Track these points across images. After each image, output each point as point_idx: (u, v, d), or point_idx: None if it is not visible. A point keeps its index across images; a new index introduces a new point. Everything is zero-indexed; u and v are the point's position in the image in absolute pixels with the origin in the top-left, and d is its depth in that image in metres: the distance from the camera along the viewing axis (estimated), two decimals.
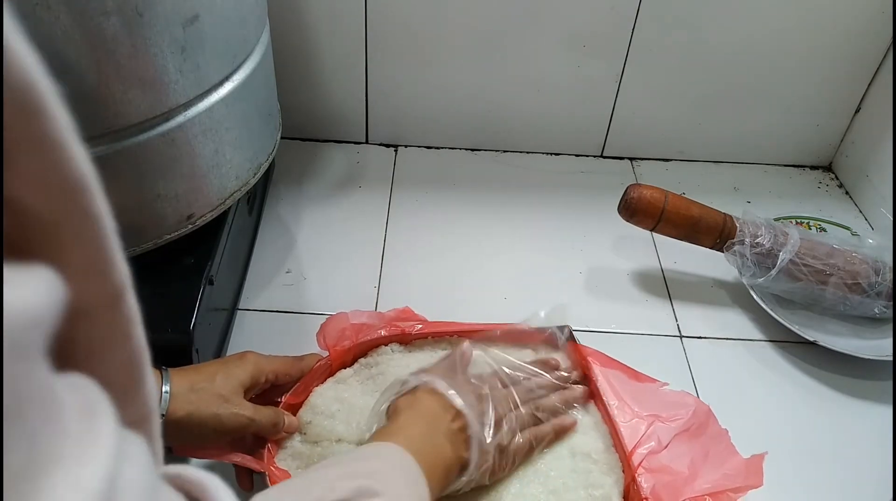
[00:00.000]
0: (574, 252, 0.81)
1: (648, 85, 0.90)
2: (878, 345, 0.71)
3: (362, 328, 0.63)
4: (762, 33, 0.85)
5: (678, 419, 0.58)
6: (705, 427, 0.58)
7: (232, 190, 0.61)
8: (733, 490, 0.53)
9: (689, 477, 0.54)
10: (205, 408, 0.49)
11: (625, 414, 0.58)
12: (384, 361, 0.62)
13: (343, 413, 0.57)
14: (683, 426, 0.58)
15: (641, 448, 0.56)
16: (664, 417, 0.58)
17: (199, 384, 0.49)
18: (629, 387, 0.60)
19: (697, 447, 0.56)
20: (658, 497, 0.53)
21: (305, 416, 0.57)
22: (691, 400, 0.60)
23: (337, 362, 0.61)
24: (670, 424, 0.58)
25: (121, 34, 0.46)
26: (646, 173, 0.95)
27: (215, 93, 0.56)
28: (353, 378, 0.61)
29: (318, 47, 0.86)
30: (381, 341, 0.63)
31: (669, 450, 0.56)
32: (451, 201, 0.87)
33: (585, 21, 0.84)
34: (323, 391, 0.59)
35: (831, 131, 0.95)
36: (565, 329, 0.64)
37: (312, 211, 0.84)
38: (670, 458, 0.56)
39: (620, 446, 0.57)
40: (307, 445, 0.56)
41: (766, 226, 0.73)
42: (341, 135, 0.95)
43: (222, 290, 0.66)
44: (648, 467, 0.55)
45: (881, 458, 0.63)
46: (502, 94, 0.90)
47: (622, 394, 0.60)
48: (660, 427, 0.57)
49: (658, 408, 0.59)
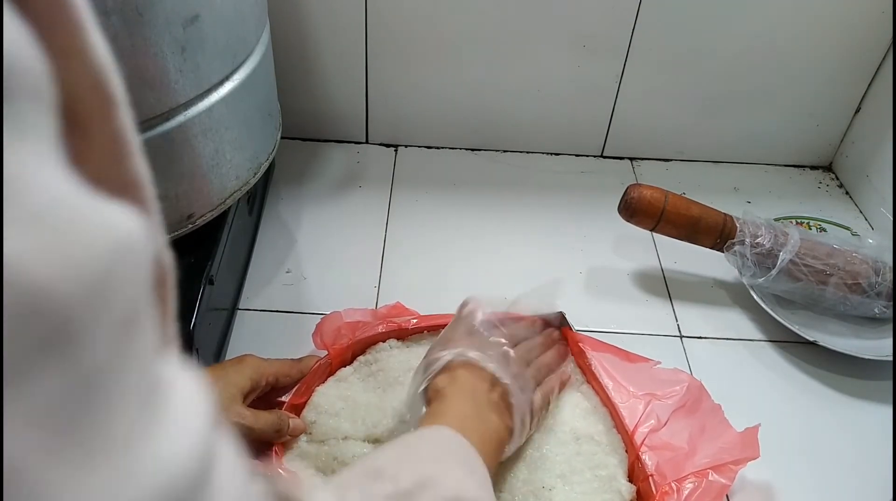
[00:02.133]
0: (574, 252, 0.81)
1: (648, 85, 0.90)
2: (878, 345, 0.71)
3: (357, 326, 0.63)
4: (762, 33, 0.85)
5: (674, 396, 0.59)
6: (700, 403, 0.59)
7: (232, 190, 0.61)
8: (733, 463, 0.53)
9: (689, 452, 0.55)
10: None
11: (621, 395, 0.59)
12: (383, 357, 0.62)
13: (347, 411, 0.57)
14: (679, 402, 0.59)
15: (642, 426, 0.57)
16: (660, 395, 0.59)
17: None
18: (622, 368, 0.61)
19: (694, 422, 0.57)
20: (662, 473, 0.54)
21: (310, 416, 0.57)
22: (684, 377, 0.61)
23: (337, 360, 0.61)
24: (667, 401, 0.59)
25: (121, 34, 0.46)
26: (646, 173, 0.95)
27: (215, 93, 0.56)
28: (354, 376, 0.61)
29: (318, 47, 0.86)
30: (379, 337, 0.63)
31: (668, 427, 0.57)
32: (451, 200, 0.87)
33: (585, 21, 0.84)
34: (325, 390, 0.60)
35: (831, 131, 0.95)
36: (557, 315, 0.64)
37: (312, 211, 0.84)
38: (670, 434, 0.56)
39: (622, 426, 0.57)
40: (314, 444, 0.56)
41: (766, 226, 0.73)
42: (341, 135, 0.95)
43: (222, 290, 0.66)
44: (650, 445, 0.56)
45: (881, 458, 0.63)
46: (502, 94, 0.90)
47: (616, 376, 0.60)
48: (657, 405, 0.58)
49: (653, 387, 0.60)
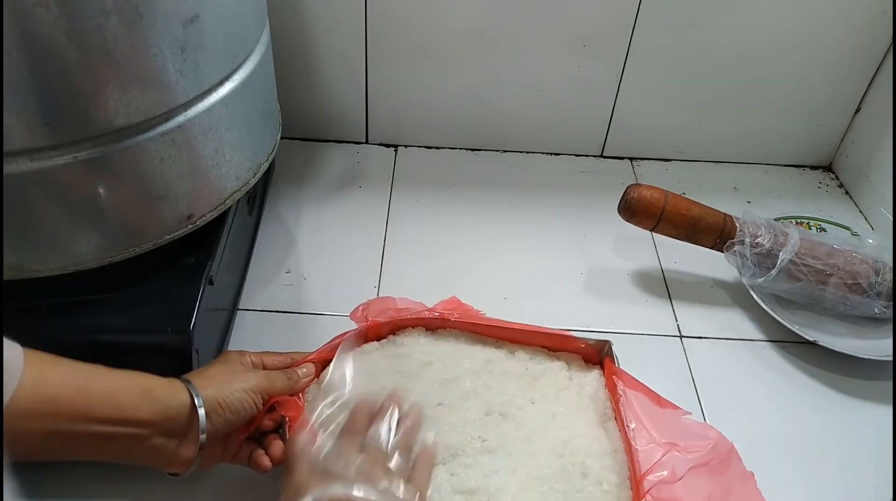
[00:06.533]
0: (574, 252, 0.81)
1: (648, 85, 0.90)
2: (878, 345, 0.71)
3: (402, 312, 0.63)
4: (762, 33, 0.85)
5: (696, 451, 0.54)
6: (727, 465, 0.54)
7: (232, 190, 0.61)
8: None
9: None
10: (226, 386, 0.50)
11: (642, 438, 0.55)
12: (409, 342, 0.62)
13: (361, 379, 0.57)
14: (702, 459, 0.54)
15: (652, 475, 0.52)
16: (682, 446, 0.54)
17: (207, 372, 0.51)
18: (651, 411, 0.57)
19: (717, 484, 0.53)
20: None
21: (325, 375, 0.58)
22: (713, 434, 0.56)
23: (371, 332, 0.62)
24: (687, 455, 0.54)
25: (121, 34, 0.46)
26: (646, 173, 0.95)
27: (215, 93, 0.55)
28: (378, 352, 0.62)
29: (318, 47, 0.86)
30: (410, 323, 0.63)
31: (684, 482, 0.52)
32: (451, 201, 0.87)
33: (585, 21, 0.84)
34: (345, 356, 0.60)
35: (831, 131, 0.95)
36: (606, 344, 0.62)
37: (312, 211, 0.84)
38: (685, 491, 0.52)
39: (635, 478, 0.53)
40: None
41: (766, 226, 0.73)
42: (341, 135, 0.95)
43: (222, 290, 0.66)
44: (657, 496, 0.51)
45: (881, 458, 0.63)
46: (502, 94, 0.90)
47: (642, 417, 0.57)
48: (676, 457, 0.54)
49: (677, 437, 0.55)
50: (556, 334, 0.63)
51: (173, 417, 0.47)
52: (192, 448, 0.48)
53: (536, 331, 0.63)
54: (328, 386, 0.56)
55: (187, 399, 0.47)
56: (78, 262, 0.52)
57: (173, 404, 0.47)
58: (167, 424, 0.47)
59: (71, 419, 0.42)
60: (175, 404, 0.47)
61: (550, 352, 0.63)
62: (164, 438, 0.47)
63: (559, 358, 0.63)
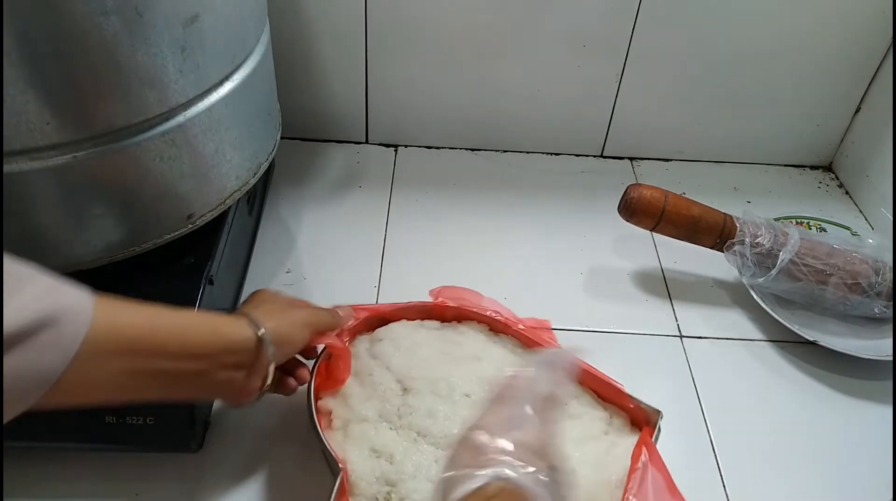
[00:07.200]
0: (574, 252, 0.81)
1: (648, 85, 0.90)
2: (878, 345, 0.71)
3: (472, 305, 0.65)
4: (762, 33, 0.85)
5: None
6: None
7: (232, 190, 0.61)
8: None
9: None
10: (283, 320, 0.52)
11: None
12: (469, 333, 0.64)
13: (405, 350, 0.60)
14: None
15: None
16: None
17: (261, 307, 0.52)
18: (660, 496, 0.53)
19: None
20: None
21: (380, 333, 0.62)
22: None
23: (435, 311, 0.64)
24: None
25: (121, 34, 0.46)
26: (646, 173, 0.95)
27: (215, 93, 0.55)
28: (436, 332, 0.63)
29: (318, 47, 0.86)
30: (476, 317, 0.65)
31: None
32: (451, 201, 0.87)
33: (585, 21, 0.84)
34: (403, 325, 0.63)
35: (831, 131, 0.95)
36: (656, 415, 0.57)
37: (312, 211, 0.84)
38: None
39: None
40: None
41: (766, 226, 0.73)
42: (341, 135, 0.95)
43: (222, 290, 0.66)
44: None
45: (881, 458, 0.63)
46: (502, 94, 0.90)
47: (649, 498, 0.53)
48: None
49: None
50: (611, 384, 0.59)
51: (239, 350, 0.48)
52: (257, 379, 0.50)
53: (594, 374, 0.60)
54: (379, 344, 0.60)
55: (252, 334, 0.49)
56: (78, 262, 0.52)
57: (239, 338, 0.48)
58: (235, 357, 0.48)
59: (144, 356, 0.42)
60: (240, 338, 0.48)
61: (598, 398, 0.60)
62: (231, 371, 0.48)
63: (605, 409, 0.60)
